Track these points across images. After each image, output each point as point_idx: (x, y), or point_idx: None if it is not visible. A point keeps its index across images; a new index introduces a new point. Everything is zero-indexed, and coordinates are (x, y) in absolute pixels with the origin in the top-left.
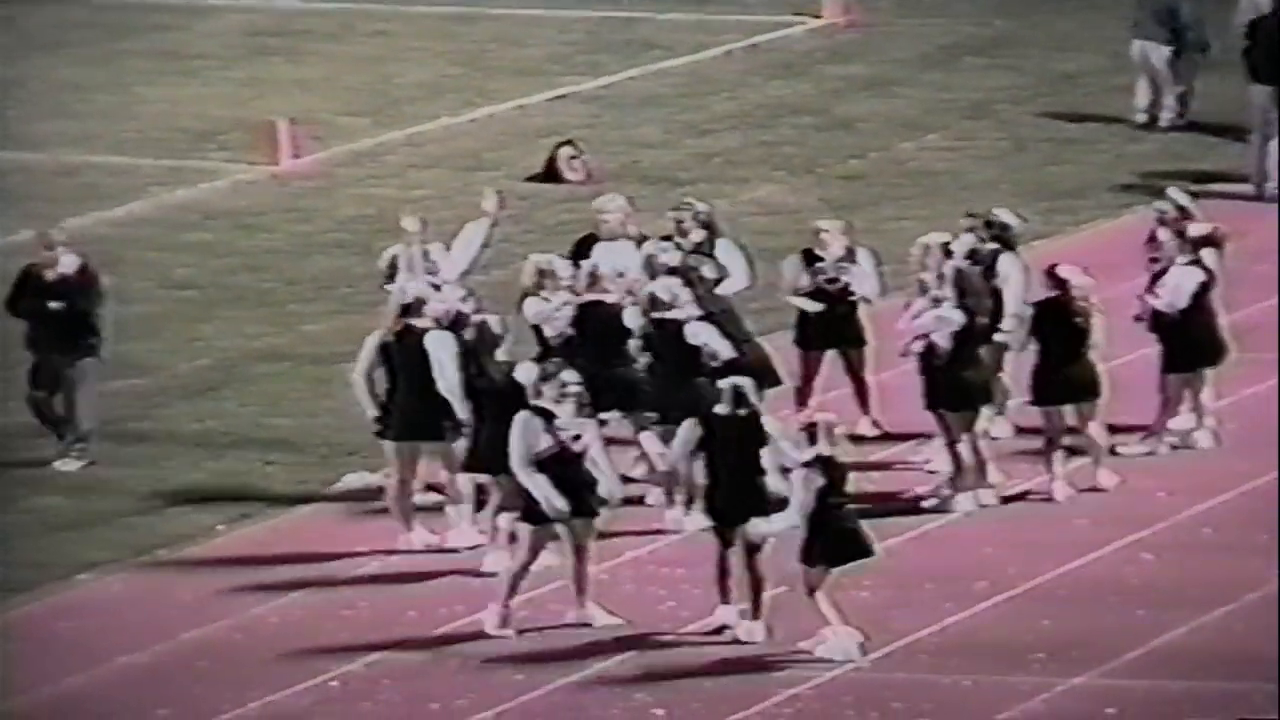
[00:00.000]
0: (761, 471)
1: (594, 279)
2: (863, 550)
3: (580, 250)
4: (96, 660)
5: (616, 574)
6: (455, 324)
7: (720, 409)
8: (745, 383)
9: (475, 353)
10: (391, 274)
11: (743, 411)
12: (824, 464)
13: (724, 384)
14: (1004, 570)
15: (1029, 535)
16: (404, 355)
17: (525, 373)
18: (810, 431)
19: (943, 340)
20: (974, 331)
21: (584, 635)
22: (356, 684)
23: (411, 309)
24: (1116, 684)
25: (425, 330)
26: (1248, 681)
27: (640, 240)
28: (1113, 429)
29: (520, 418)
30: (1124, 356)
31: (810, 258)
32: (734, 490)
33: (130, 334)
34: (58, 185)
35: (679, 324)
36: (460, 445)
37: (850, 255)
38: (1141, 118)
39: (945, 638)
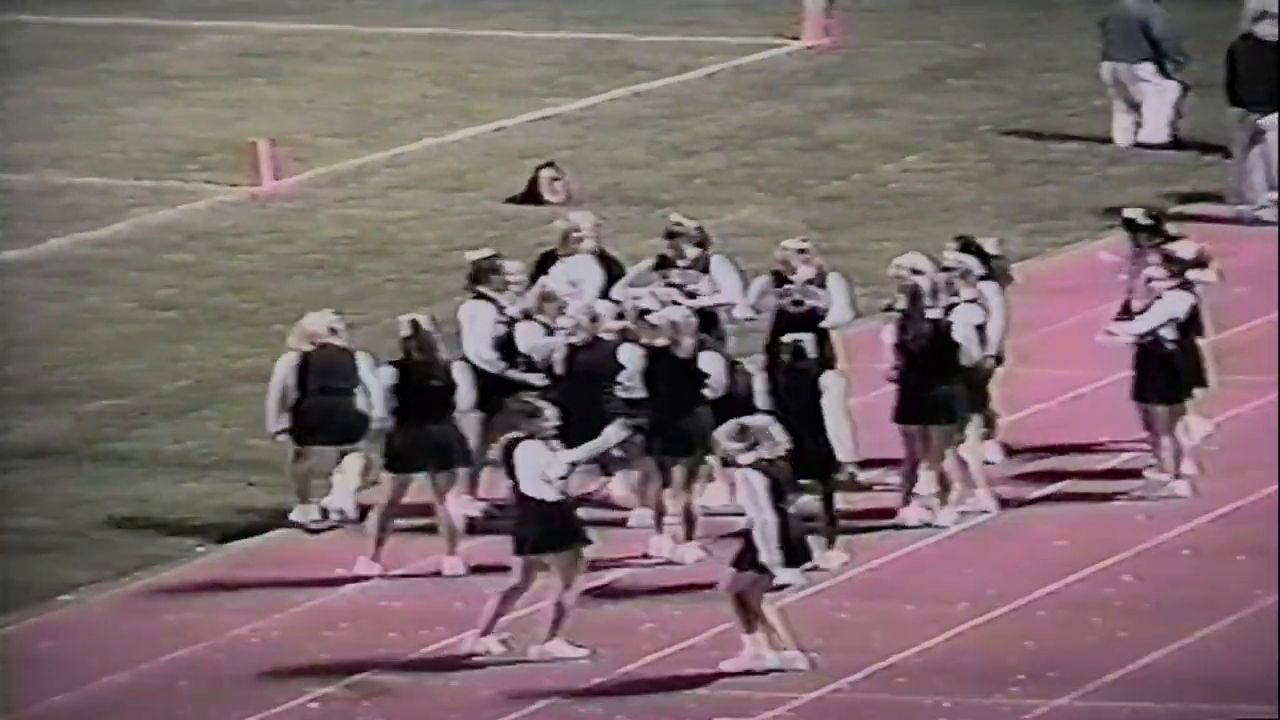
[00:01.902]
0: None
1: (594, 317)
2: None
3: (541, 267)
4: (79, 680)
5: (596, 599)
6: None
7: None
8: (805, 338)
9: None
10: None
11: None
12: (765, 467)
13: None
14: (985, 592)
15: (1010, 557)
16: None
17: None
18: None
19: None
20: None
21: (559, 664)
22: (337, 705)
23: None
24: (1098, 705)
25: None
26: (1230, 704)
27: (601, 256)
28: (1087, 452)
29: (531, 446)
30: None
31: (779, 279)
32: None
33: (112, 354)
34: (41, 205)
35: (691, 355)
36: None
37: (820, 279)
38: (1125, 140)
39: (926, 659)
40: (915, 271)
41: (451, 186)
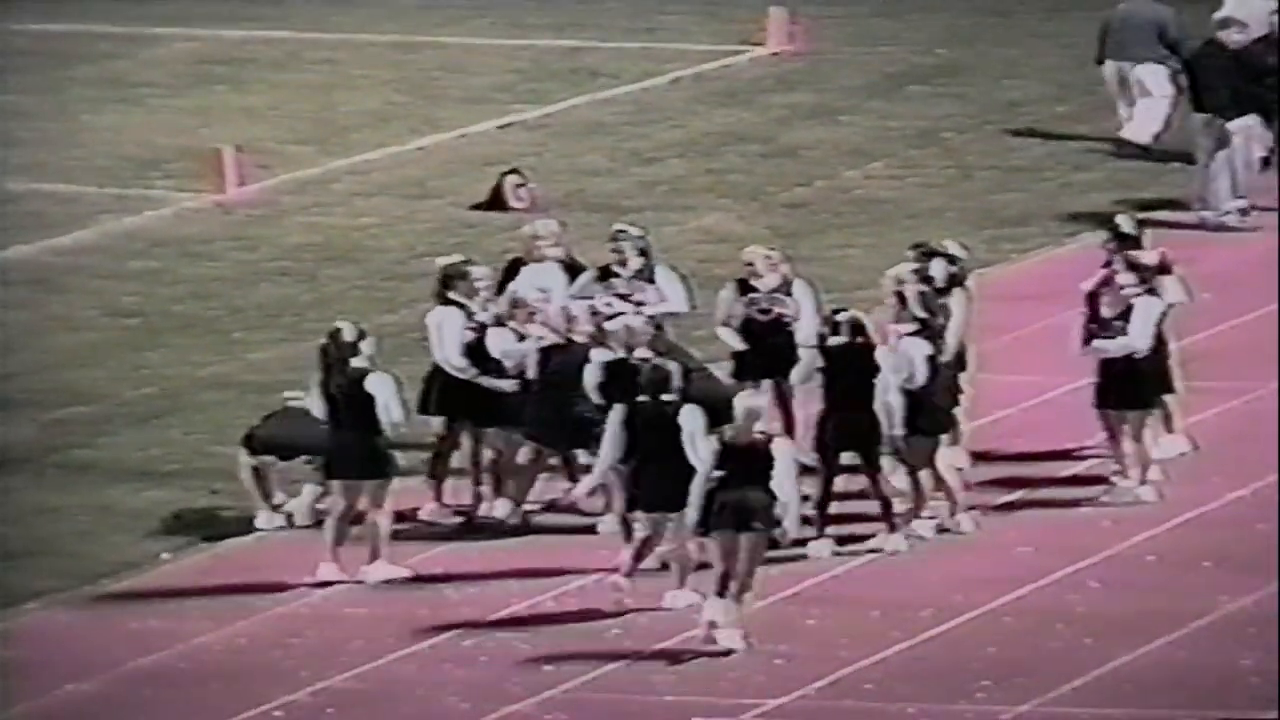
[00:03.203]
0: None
1: (570, 319)
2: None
3: (509, 274)
4: (43, 689)
5: (561, 601)
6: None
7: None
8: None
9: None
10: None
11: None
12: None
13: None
14: (950, 598)
15: (974, 564)
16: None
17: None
18: None
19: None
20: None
21: (530, 668)
22: (300, 712)
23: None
24: (1062, 711)
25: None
26: (1194, 709)
27: (568, 263)
28: (1052, 459)
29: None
30: (1063, 386)
31: (744, 288)
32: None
33: (76, 361)
34: (3, 213)
35: (643, 363)
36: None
37: (786, 286)
38: (1146, 138)
39: (891, 666)
40: (900, 282)
41: (415, 193)
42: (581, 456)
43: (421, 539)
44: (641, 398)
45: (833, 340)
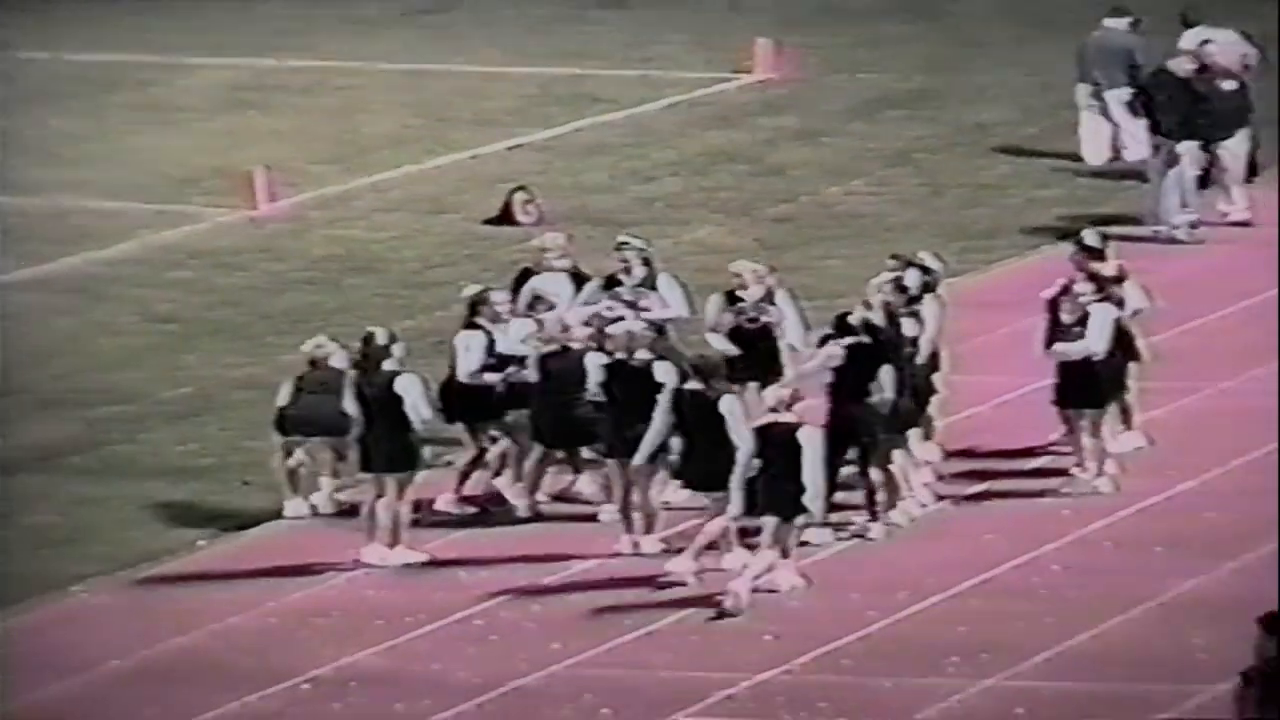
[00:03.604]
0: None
1: (565, 328)
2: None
3: (519, 281)
4: (88, 665)
5: (566, 588)
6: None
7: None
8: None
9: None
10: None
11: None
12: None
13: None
14: (923, 581)
15: (946, 549)
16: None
17: None
18: None
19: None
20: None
21: (537, 645)
22: (326, 687)
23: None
24: (1025, 685)
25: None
26: (1146, 683)
27: (574, 273)
28: (1018, 454)
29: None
30: (1027, 386)
31: (731, 298)
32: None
33: (118, 364)
34: (52, 227)
35: (643, 365)
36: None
37: (769, 296)
38: (1099, 160)
39: (868, 643)
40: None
41: (431, 209)
42: (584, 452)
43: (438, 526)
44: (690, 385)
45: (848, 340)
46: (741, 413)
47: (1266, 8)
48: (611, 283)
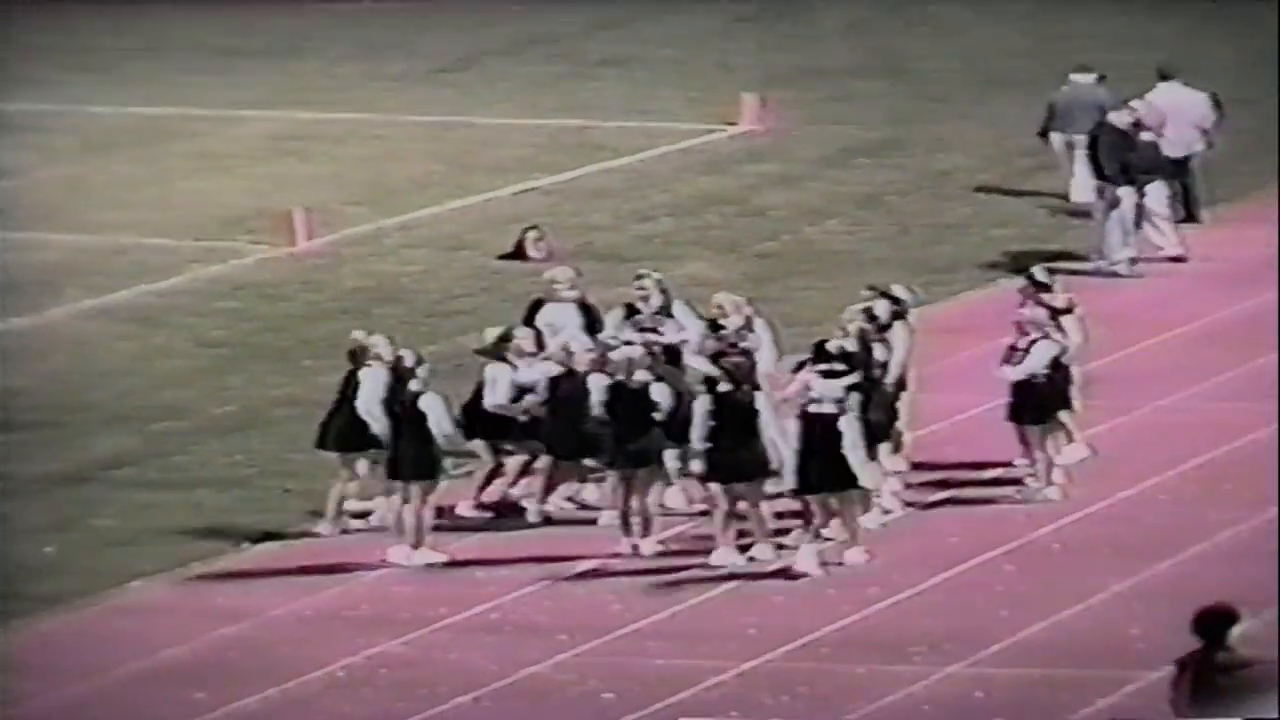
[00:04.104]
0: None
1: (569, 353)
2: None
3: (531, 311)
4: (147, 652)
5: (572, 585)
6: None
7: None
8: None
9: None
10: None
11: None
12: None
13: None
14: (892, 578)
15: (912, 549)
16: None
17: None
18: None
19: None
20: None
21: (546, 636)
22: (358, 672)
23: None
24: (984, 672)
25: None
26: (1091, 669)
27: (582, 303)
28: (976, 465)
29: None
30: (984, 405)
31: (714, 326)
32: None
33: (172, 384)
34: (113, 262)
35: (641, 386)
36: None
37: (748, 324)
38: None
39: (844, 634)
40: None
41: (452, 246)
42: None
43: (457, 530)
44: (724, 387)
45: (822, 367)
46: (772, 408)
47: (1267, 8)
48: (631, 311)
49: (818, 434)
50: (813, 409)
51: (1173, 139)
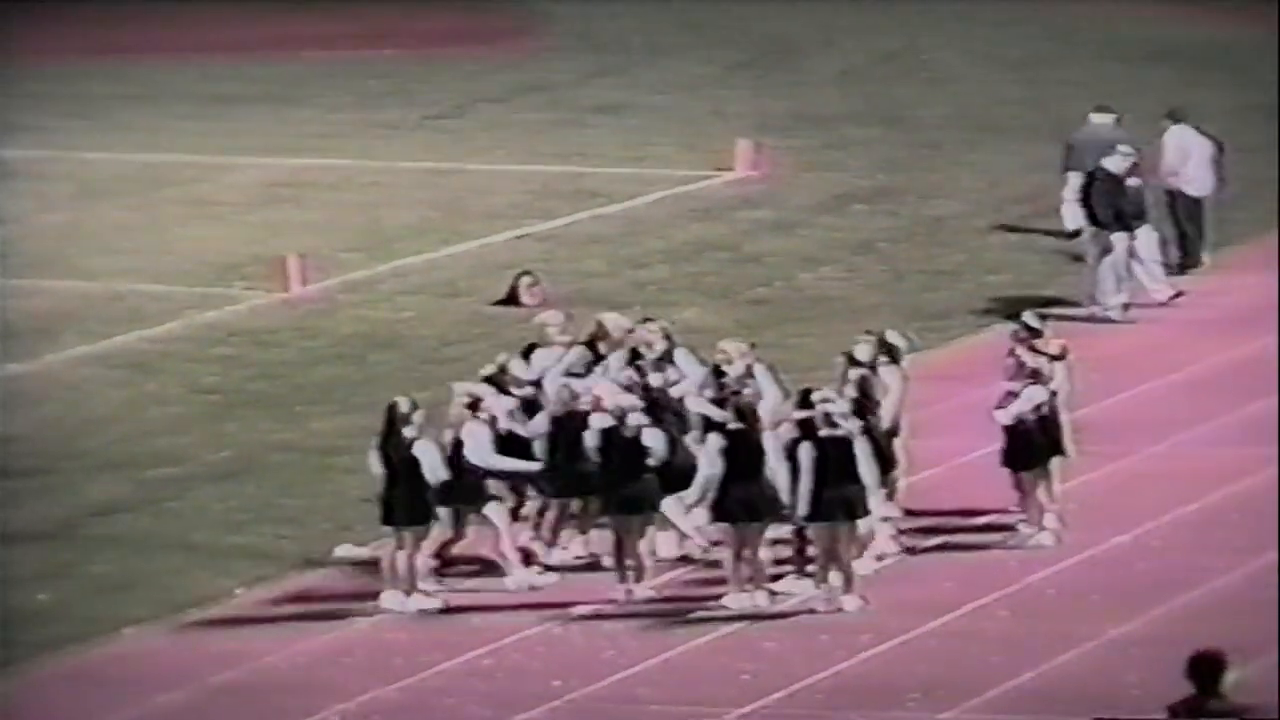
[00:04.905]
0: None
1: (573, 395)
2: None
3: (526, 354)
4: (141, 698)
5: (566, 630)
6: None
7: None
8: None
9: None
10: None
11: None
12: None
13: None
14: (885, 624)
15: (906, 595)
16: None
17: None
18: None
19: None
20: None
21: (539, 682)
22: (352, 718)
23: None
24: (978, 718)
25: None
26: (1086, 716)
27: (570, 346)
28: (970, 512)
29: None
30: (979, 450)
31: (717, 372)
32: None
33: (167, 430)
34: (109, 308)
35: (634, 432)
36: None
37: (749, 371)
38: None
39: (837, 680)
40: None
41: (446, 292)
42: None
43: (451, 576)
44: (734, 425)
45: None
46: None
47: (1263, 56)
48: (635, 356)
49: (832, 457)
50: (824, 432)
51: (1192, 179)
